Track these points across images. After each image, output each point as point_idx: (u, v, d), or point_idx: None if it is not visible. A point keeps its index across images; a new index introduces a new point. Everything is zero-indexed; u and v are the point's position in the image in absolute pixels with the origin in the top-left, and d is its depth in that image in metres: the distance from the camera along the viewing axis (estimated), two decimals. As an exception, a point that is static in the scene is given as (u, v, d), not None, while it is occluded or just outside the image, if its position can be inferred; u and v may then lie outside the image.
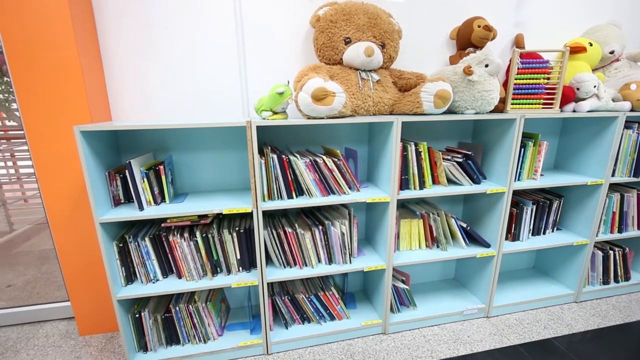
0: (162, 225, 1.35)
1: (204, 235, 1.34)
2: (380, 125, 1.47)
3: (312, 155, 1.41)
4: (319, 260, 1.49)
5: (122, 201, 1.37)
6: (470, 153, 1.52)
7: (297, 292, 1.54)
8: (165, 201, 1.37)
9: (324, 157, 1.37)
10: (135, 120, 1.46)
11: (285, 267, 1.46)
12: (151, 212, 1.26)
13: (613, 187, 1.82)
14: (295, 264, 1.46)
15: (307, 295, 1.53)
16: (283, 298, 1.51)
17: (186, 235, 1.34)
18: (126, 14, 1.35)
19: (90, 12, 1.32)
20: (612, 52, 1.67)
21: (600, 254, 1.80)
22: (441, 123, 1.71)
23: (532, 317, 1.71)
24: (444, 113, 1.45)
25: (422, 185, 1.49)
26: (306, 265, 1.47)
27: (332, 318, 1.60)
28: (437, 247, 1.63)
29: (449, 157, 1.53)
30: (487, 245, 1.62)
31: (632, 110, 1.60)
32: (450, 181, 1.59)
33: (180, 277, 1.39)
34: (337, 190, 1.40)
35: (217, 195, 1.47)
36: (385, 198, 1.40)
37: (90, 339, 1.58)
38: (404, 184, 1.47)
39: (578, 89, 1.54)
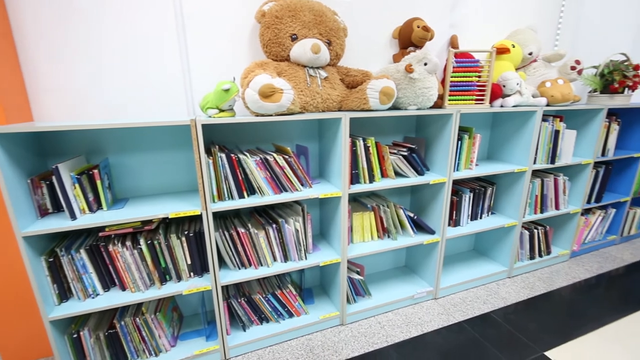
0: (100, 234, 1.23)
1: (149, 242, 1.26)
2: (329, 121, 1.49)
3: (262, 153, 1.39)
4: (275, 259, 1.48)
5: (50, 211, 1.23)
6: (414, 147, 1.61)
7: (254, 292, 1.51)
8: (102, 208, 1.26)
9: (275, 155, 1.35)
10: (61, 120, 1.31)
11: (239, 268, 1.43)
12: (86, 220, 1.15)
13: (535, 173, 2.06)
14: (250, 265, 1.44)
15: (264, 295, 1.51)
16: (239, 300, 1.48)
17: (128, 243, 1.24)
18: (45, 2, 1.20)
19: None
20: (530, 54, 1.88)
21: (527, 233, 2.03)
22: (387, 118, 1.79)
23: (473, 294, 1.87)
24: (389, 109, 1.52)
25: (371, 179, 1.54)
26: (261, 265, 1.45)
27: (291, 315, 1.60)
28: (388, 237, 1.71)
29: (396, 151, 1.61)
30: (432, 232, 1.74)
31: (547, 105, 1.81)
32: (397, 174, 1.67)
33: (124, 289, 1.29)
34: (289, 187, 1.40)
35: (162, 199, 1.39)
36: (337, 193, 1.44)
37: (18, 367, 1.40)
38: (354, 178, 1.51)
39: (504, 86, 1.71)
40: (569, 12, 2.14)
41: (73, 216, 1.16)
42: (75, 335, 1.23)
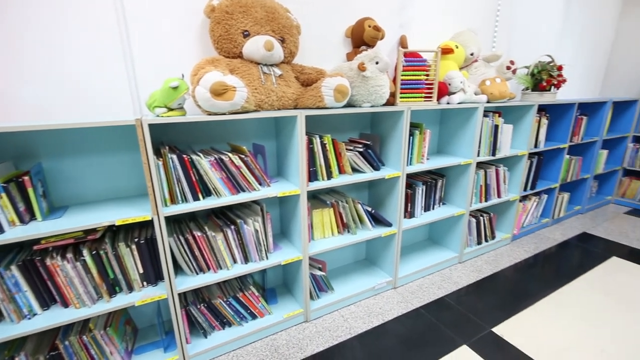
0: (35, 247, 1.11)
1: (93, 252, 1.16)
2: (285, 119, 1.49)
3: (217, 153, 1.35)
4: (235, 261, 1.44)
5: (-29, 225, 1.09)
6: (369, 143, 1.66)
7: (214, 297, 1.46)
8: (36, 218, 1.14)
9: (230, 155, 1.32)
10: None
11: (197, 273, 1.37)
12: (16, 233, 1.03)
13: (479, 165, 2.23)
14: (209, 269, 1.39)
15: (225, 299, 1.47)
16: (199, 306, 1.42)
17: (69, 255, 1.14)
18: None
19: None
20: (472, 54, 2.02)
21: (474, 220, 2.19)
22: (342, 116, 1.82)
23: (429, 281, 1.99)
24: (344, 106, 1.55)
25: (329, 176, 1.57)
26: (221, 268, 1.41)
27: (254, 317, 1.58)
28: (348, 232, 1.75)
29: (352, 148, 1.65)
30: (389, 225, 1.81)
31: (487, 102, 1.97)
32: (354, 170, 1.71)
33: (66, 305, 1.18)
34: (247, 187, 1.38)
35: (107, 205, 1.29)
36: (295, 191, 1.44)
37: (-62, 406, 1.23)
38: (312, 176, 1.52)
39: (450, 84, 1.82)
40: (503, 16, 2.34)
41: (0, 229, 1.03)
42: (9, 362, 1.11)
